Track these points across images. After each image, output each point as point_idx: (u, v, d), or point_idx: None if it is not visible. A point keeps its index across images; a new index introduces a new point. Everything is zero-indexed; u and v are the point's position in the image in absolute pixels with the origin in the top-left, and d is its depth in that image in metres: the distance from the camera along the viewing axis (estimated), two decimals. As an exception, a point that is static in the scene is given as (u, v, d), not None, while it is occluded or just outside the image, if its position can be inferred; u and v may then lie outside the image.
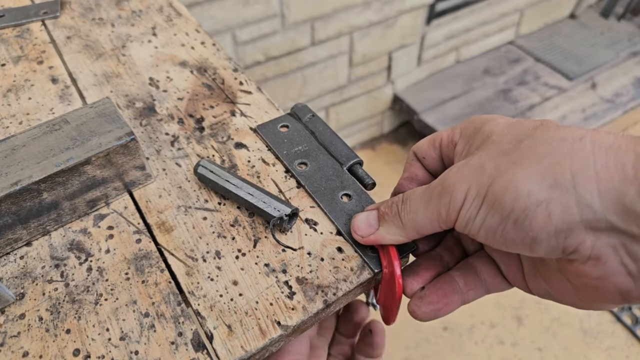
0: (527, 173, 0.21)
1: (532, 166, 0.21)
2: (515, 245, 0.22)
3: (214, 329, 0.27)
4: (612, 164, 0.20)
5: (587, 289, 0.23)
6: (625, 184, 0.19)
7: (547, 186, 0.21)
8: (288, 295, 0.28)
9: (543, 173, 0.21)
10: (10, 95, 0.41)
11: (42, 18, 0.50)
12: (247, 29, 1.14)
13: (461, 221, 0.24)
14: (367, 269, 0.29)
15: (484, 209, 0.22)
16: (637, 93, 1.71)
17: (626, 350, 1.19)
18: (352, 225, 0.29)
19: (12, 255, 0.31)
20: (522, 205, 0.21)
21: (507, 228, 0.22)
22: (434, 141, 0.30)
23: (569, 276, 0.23)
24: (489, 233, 0.23)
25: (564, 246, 0.21)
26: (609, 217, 0.20)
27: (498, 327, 1.24)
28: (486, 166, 0.23)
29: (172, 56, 0.46)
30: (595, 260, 0.21)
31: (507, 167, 0.22)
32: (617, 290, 0.21)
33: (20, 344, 0.26)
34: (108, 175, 0.32)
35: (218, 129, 0.39)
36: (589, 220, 0.20)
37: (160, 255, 0.30)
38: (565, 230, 0.21)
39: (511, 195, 0.21)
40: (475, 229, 0.23)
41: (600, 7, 2.05)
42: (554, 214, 0.20)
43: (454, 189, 0.24)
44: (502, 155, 0.23)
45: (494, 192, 0.22)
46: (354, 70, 1.46)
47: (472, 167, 0.24)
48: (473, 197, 0.23)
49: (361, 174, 0.34)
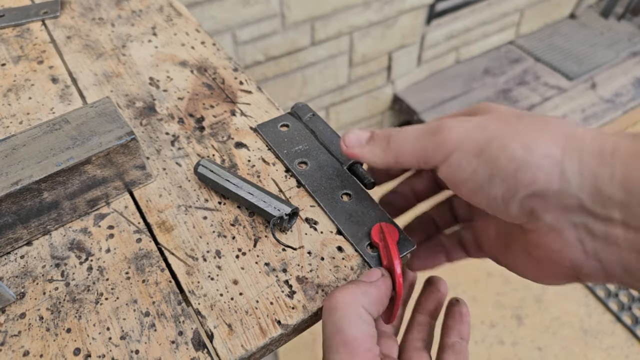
0: (525, 142, 0.23)
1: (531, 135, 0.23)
2: (494, 200, 0.24)
3: (214, 328, 0.27)
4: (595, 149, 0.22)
5: (546, 262, 0.25)
6: (601, 167, 0.22)
7: (540, 155, 0.23)
8: (288, 294, 0.28)
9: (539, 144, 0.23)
10: (11, 95, 0.41)
11: (42, 18, 0.50)
12: (247, 29, 1.14)
13: (449, 166, 0.25)
14: (367, 268, 0.29)
15: (475, 162, 0.24)
16: (637, 93, 1.71)
17: (626, 350, 1.19)
18: (344, 136, 0.31)
19: (13, 255, 0.31)
20: (514, 167, 0.23)
21: (493, 184, 0.24)
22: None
23: (531, 248, 0.26)
24: (474, 186, 0.25)
25: (533, 209, 0.23)
26: (580, 195, 0.22)
27: (498, 326, 1.24)
28: (488, 127, 0.25)
29: (172, 56, 0.46)
30: (556, 233, 0.23)
31: (507, 132, 0.24)
32: (571, 266, 0.24)
33: (20, 343, 0.26)
34: (108, 174, 0.32)
35: (218, 129, 0.39)
36: (564, 193, 0.22)
37: (161, 255, 0.30)
38: (540, 195, 0.23)
39: (507, 158, 0.23)
40: (461, 178, 0.25)
41: (600, 7, 2.05)
42: (538, 179, 0.23)
43: (450, 131, 0.25)
44: (504, 123, 0.25)
45: (491, 150, 0.24)
46: (354, 70, 1.46)
47: (473, 122, 0.25)
48: (467, 149, 0.24)
49: (361, 173, 0.34)
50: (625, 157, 0.21)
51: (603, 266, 0.23)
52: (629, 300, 1.26)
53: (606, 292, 1.28)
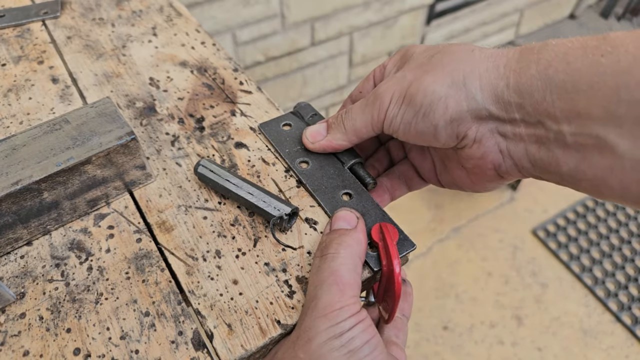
0: (433, 77, 0.28)
1: (437, 72, 0.28)
2: (424, 135, 0.29)
3: (214, 328, 0.27)
4: (491, 66, 0.27)
5: (475, 170, 0.30)
6: (497, 79, 0.26)
7: (446, 86, 0.27)
8: (288, 294, 0.28)
9: (444, 77, 0.28)
10: (11, 95, 0.41)
11: (43, 18, 0.50)
12: (247, 29, 1.14)
13: (387, 121, 0.30)
14: (366, 268, 0.29)
15: (403, 107, 0.29)
16: (636, 93, 1.70)
17: (626, 350, 1.19)
18: (304, 135, 0.35)
19: (13, 255, 0.31)
20: (428, 100, 0.28)
21: (418, 120, 0.29)
22: (368, 77, 0.36)
23: (463, 162, 0.30)
24: (406, 127, 0.29)
25: (457, 132, 0.28)
26: (487, 106, 0.27)
27: (498, 326, 1.24)
28: (407, 76, 0.30)
29: (172, 56, 0.46)
30: (478, 143, 0.28)
31: (420, 74, 0.29)
32: (492, 167, 0.29)
33: (20, 343, 0.26)
34: (108, 174, 0.32)
35: (218, 129, 0.39)
36: (474, 109, 0.27)
37: (161, 255, 0.30)
38: (457, 119, 0.27)
39: (421, 94, 0.28)
40: (396, 125, 0.30)
41: (600, 7, 2.05)
42: (449, 106, 0.27)
43: (382, 95, 0.30)
44: (418, 67, 0.30)
45: (410, 93, 0.29)
46: (354, 71, 1.46)
47: (396, 77, 0.30)
48: (396, 99, 0.29)
49: (362, 173, 0.34)
50: (514, 67, 0.26)
51: (514, 162, 0.28)
52: (629, 300, 1.26)
53: (606, 292, 1.28)
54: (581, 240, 1.39)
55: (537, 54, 0.25)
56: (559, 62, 0.24)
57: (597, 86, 0.23)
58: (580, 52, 0.24)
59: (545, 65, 0.24)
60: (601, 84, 0.22)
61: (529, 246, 1.39)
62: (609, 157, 0.23)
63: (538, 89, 0.25)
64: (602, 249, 1.37)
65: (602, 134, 0.23)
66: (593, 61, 0.23)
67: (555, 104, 0.24)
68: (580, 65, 0.23)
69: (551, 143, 0.25)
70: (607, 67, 0.22)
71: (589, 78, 0.23)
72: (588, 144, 0.24)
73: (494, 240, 1.40)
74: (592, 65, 0.23)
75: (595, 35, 0.24)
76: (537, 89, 0.25)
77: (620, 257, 1.35)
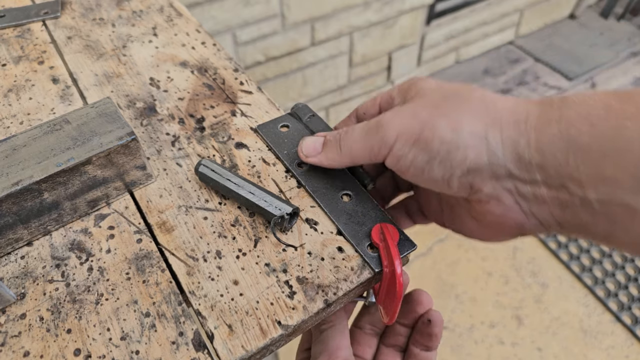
0: (452, 124, 0.26)
1: (457, 118, 0.26)
2: (437, 181, 0.27)
3: (214, 328, 0.27)
4: (512, 120, 0.25)
5: (493, 225, 0.28)
6: (518, 136, 0.25)
7: (467, 134, 0.25)
8: (289, 294, 0.28)
9: (464, 124, 0.26)
10: (11, 95, 0.41)
11: (43, 18, 0.50)
12: (247, 29, 1.14)
13: (392, 158, 0.28)
14: (367, 269, 0.29)
15: (415, 150, 0.27)
16: (636, 93, 1.70)
17: (626, 350, 1.19)
18: (300, 145, 0.34)
19: (13, 255, 0.31)
20: (446, 148, 0.26)
21: (433, 167, 0.27)
22: (375, 99, 0.34)
23: (477, 215, 0.29)
24: (417, 171, 0.27)
25: (472, 183, 0.26)
26: (507, 163, 0.25)
27: (498, 327, 1.24)
28: (419, 114, 0.27)
29: (172, 56, 0.46)
30: (496, 200, 0.26)
31: (435, 116, 0.27)
32: (515, 225, 0.27)
33: (21, 344, 0.26)
34: (109, 175, 0.32)
35: (219, 129, 0.39)
36: (494, 164, 0.25)
37: (161, 255, 0.30)
38: (475, 170, 0.26)
39: (438, 140, 0.26)
40: (405, 166, 0.28)
41: (600, 7, 2.05)
42: (469, 157, 0.25)
43: (387, 128, 0.28)
44: (433, 107, 0.27)
45: (425, 136, 0.26)
46: (354, 71, 1.46)
47: (405, 112, 0.28)
48: (405, 139, 0.27)
49: (361, 173, 0.34)
50: (535, 124, 0.24)
51: (540, 221, 0.26)
52: (629, 300, 1.26)
53: (606, 292, 1.28)
54: (581, 240, 1.39)
55: (558, 110, 0.24)
56: (582, 123, 0.23)
57: (624, 152, 0.21)
58: (604, 114, 0.22)
59: (567, 125, 0.23)
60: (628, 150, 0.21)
61: (529, 246, 1.39)
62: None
63: (560, 150, 0.23)
64: (602, 249, 1.37)
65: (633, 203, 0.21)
66: (618, 125, 0.22)
67: (579, 168, 0.23)
68: (605, 128, 0.22)
69: (577, 208, 0.23)
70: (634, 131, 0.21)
71: (614, 143, 0.22)
72: (618, 212, 0.22)
73: (494, 240, 1.40)
74: (618, 129, 0.22)
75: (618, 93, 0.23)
76: (560, 150, 0.23)
77: (620, 257, 1.36)
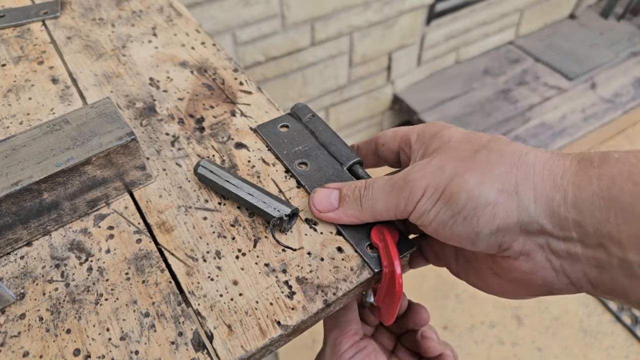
0: (480, 178, 0.25)
1: (485, 173, 0.25)
2: (460, 238, 0.26)
3: (214, 328, 0.27)
4: (546, 175, 0.24)
5: (519, 282, 0.26)
6: (553, 191, 0.23)
7: (495, 191, 0.24)
8: (288, 295, 0.28)
9: (493, 180, 0.24)
10: (11, 96, 0.41)
11: (43, 18, 0.50)
12: (247, 29, 1.14)
13: (416, 213, 0.27)
14: (367, 269, 0.29)
15: (439, 205, 0.26)
16: (636, 93, 1.71)
17: (626, 350, 1.19)
18: (312, 199, 0.31)
19: (13, 255, 0.31)
20: (473, 204, 0.24)
21: (456, 223, 0.25)
22: (396, 133, 0.33)
23: (500, 271, 0.27)
24: (440, 226, 0.26)
25: (501, 242, 0.25)
26: (540, 220, 0.24)
27: (498, 326, 1.24)
28: (446, 168, 0.26)
29: (172, 56, 0.46)
30: (526, 256, 0.25)
31: (464, 171, 0.25)
32: (544, 283, 0.25)
33: (20, 344, 0.26)
34: (108, 175, 0.32)
35: (218, 129, 0.39)
36: (525, 222, 0.24)
37: (161, 255, 0.30)
38: (504, 229, 0.24)
39: (465, 195, 0.25)
40: (427, 221, 0.26)
41: (600, 7, 2.05)
42: (498, 215, 0.24)
43: (414, 185, 0.27)
44: (460, 160, 0.26)
45: (450, 191, 0.25)
46: (354, 71, 1.46)
47: (433, 167, 0.27)
48: (431, 193, 0.26)
49: (361, 173, 0.34)
50: (573, 179, 0.23)
51: (571, 281, 0.24)
52: (629, 300, 1.26)
53: (606, 293, 1.28)
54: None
55: (598, 168, 0.23)
56: (624, 182, 0.22)
57: None
58: None
59: (609, 183, 0.22)
60: None
61: (529, 246, 1.39)
62: None
63: (600, 209, 0.22)
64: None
65: None
66: None
67: (620, 227, 0.21)
68: None
69: (614, 270, 0.22)
70: None
71: None
72: None
73: (494, 240, 1.40)
74: None
75: None
76: (599, 208, 0.22)
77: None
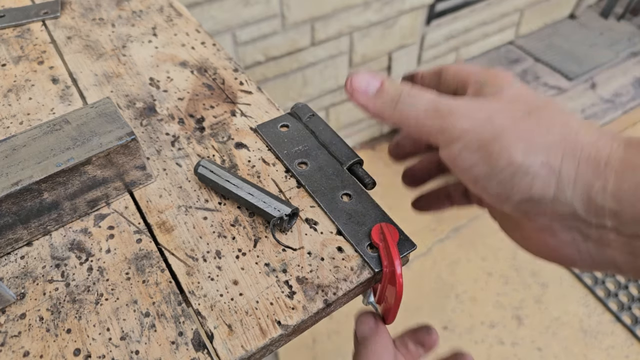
0: (526, 146, 0.23)
1: (532, 141, 0.24)
2: (489, 195, 0.25)
3: (214, 328, 0.27)
4: (592, 157, 0.23)
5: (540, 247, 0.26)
6: (594, 177, 0.22)
7: (539, 163, 0.23)
8: (288, 294, 0.28)
9: (539, 150, 0.23)
10: (11, 96, 0.41)
11: (43, 18, 0.50)
12: (247, 29, 1.14)
13: (450, 154, 0.25)
14: (367, 269, 0.29)
15: (477, 157, 0.24)
16: (636, 93, 1.71)
17: (626, 350, 1.19)
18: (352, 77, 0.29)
19: (13, 255, 0.31)
20: (512, 170, 0.23)
21: (490, 182, 0.24)
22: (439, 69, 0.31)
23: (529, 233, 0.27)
24: (472, 178, 0.25)
25: (528, 211, 0.24)
26: (574, 204, 0.23)
27: (498, 327, 1.24)
28: (495, 122, 0.24)
29: (172, 56, 0.46)
30: (550, 232, 0.24)
31: (510, 132, 0.24)
32: (565, 259, 0.25)
33: (20, 344, 0.26)
34: (109, 175, 0.32)
35: (218, 129, 0.39)
36: (558, 201, 0.23)
37: (161, 255, 0.30)
38: (537, 200, 0.23)
39: (506, 160, 0.23)
40: (460, 168, 0.25)
41: (600, 7, 2.05)
42: (535, 187, 0.23)
43: (457, 120, 0.25)
44: (512, 118, 0.24)
45: (493, 148, 0.24)
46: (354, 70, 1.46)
47: (482, 112, 0.25)
48: (469, 139, 0.25)
49: (361, 173, 0.34)
50: (617, 167, 0.22)
51: (595, 262, 0.24)
52: (629, 300, 1.26)
53: (606, 292, 1.28)
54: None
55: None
56: None
57: None
58: None
59: None
60: None
61: (529, 246, 1.39)
62: None
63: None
64: (602, 249, 1.36)
65: None
66: None
67: None
68: None
69: None
70: None
71: None
72: None
73: (494, 240, 1.40)
74: None
75: None
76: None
77: (620, 257, 1.35)
